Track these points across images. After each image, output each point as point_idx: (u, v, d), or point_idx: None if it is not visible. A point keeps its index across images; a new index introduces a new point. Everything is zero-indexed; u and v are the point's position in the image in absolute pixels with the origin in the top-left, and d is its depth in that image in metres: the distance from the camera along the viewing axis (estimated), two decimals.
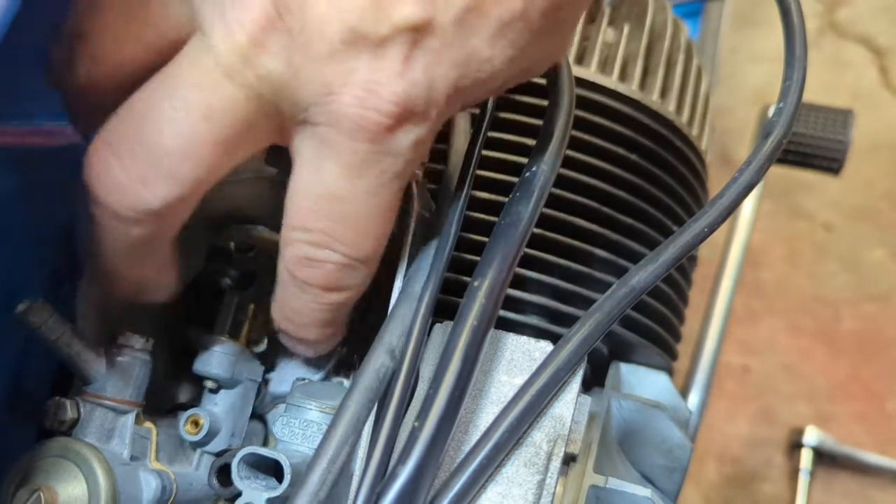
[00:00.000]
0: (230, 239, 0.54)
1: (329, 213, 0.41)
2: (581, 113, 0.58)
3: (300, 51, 0.38)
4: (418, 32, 0.38)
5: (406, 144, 0.40)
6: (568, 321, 0.55)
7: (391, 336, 0.44)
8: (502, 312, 0.53)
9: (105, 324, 0.48)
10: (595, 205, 0.58)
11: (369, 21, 0.37)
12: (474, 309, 0.44)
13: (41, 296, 0.42)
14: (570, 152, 0.57)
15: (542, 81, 0.54)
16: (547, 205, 0.49)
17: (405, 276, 0.47)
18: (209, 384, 0.51)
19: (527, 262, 0.56)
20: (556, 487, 0.45)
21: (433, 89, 0.39)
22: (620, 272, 0.51)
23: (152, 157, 0.39)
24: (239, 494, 0.45)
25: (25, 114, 0.44)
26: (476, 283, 0.44)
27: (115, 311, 0.49)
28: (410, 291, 0.46)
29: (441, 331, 0.49)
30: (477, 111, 0.55)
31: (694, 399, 1.07)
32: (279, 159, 0.45)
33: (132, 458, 0.45)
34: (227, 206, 0.50)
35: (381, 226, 0.43)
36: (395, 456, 0.42)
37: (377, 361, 0.42)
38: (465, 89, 0.40)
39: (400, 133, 0.39)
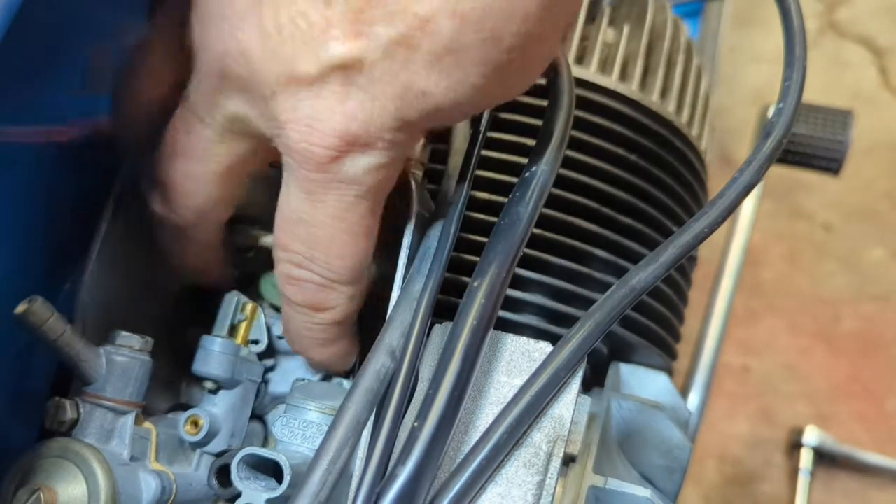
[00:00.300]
0: (230, 239, 0.54)
1: (300, 235, 0.44)
2: (581, 113, 0.58)
3: (251, 92, 0.41)
4: (348, 70, 0.39)
5: (358, 172, 0.42)
6: (568, 322, 0.55)
7: (391, 337, 0.44)
8: (502, 313, 0.53)
9: (105, 324, 0.48)
10: (595, 205, 0.58)
11: (301, 63, 0.39)
12: (474, 309, 0.44)
13: (41, 295, 0.42)
14: (570, 152, 0.57)
15: (542, 81, 0.54)
16: (547, 205, 0.49)
17: (405, 277, 0.47)
18: (209, 385, 0.51)
19: (527, 262, 0.56)
20: (555, 488, 0.45)
21: (372, 122, 0.40)
22: (620, 272, 0.51)
23: (166, 190, 0.47)
24: (238, 495, 0.45)
25: (26, 113, 0.44)
26: (476, 284, 0.44)
27: (115, 312, 0.49)
28: (410, 292, 0.46)
29: (441, 331, 0.49)
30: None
31: (694, 399, 1.07)
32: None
33: (132, 458, 0.45)
34: None
35: (352, 248, 0.45)
36: (394, 456, 0.42)
37: (377, 362, 0.42)
38: (412, 120, 0.41)
39: (347, 162, 0.41)
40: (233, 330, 0.52)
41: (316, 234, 0.44)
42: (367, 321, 0.53)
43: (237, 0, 0.41)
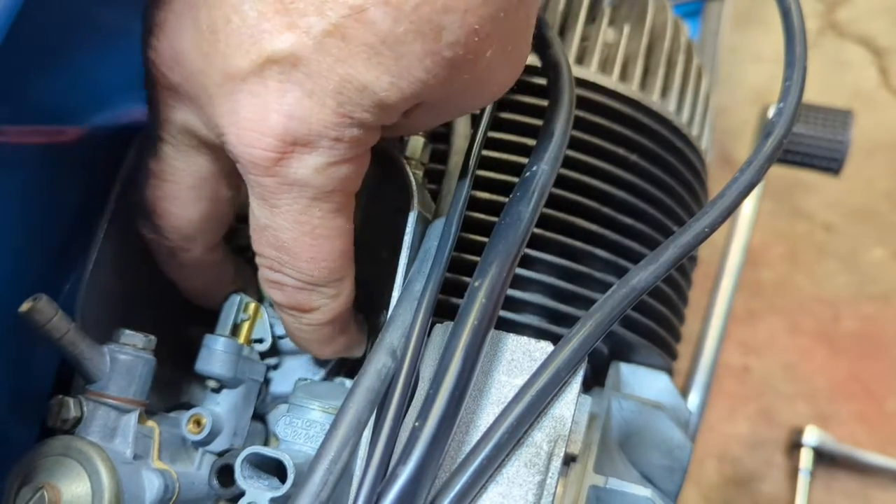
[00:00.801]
0: (231, 239, 0.54)
1: (268, 240, 0.44)
2: (581, 113, 0.59)
3: (193, 100, 0.42)
4: (282, 64, 0.38)
5: (306, 173, 0.40)
6: (568, 321, 0.55)
7: (392, 336, 0.44)
8: (503, 312, 0.53)
9: (106, 323, 0.48)
10: (595, 205, 0.58)
11: (234, 60, 0.38)
12: (474, 309, 0.44)
13: (45, 293, 0.42)
14: (571, 152, 0.57)
15: (542, 81, 0.54)
16: (547, 205, 0.49)
17: (405, 277, 0.47)
18: (211, 384, 0.51)
19: (527, 262, 0.56)
20: (556, 488, 0.45)
21: (311, 119, 0.39)
22: (620, 272, 0.51)
23: (148, 214, 0.47)
24: (240, 495, 0.45)
25: (26, 113, 0.44)
26: (476, 283, 0.44)
27: (116, 311, 0.49)
28: (411, 292, 0.46)
29: (441, 331, 0.49)
30: (477, 111, 0.55)
31: (694, 399, 1.07)
32: None
33: (135, 457, 0.45)
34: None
35: (319, 250, 0.44)
36: (395, 456, 0.42)
37: (378, 362, 0.42)
38: (356, 116, 0.39)
39: (292, 163, 0.40)
40: (235, 329, 0.52)
41: (280, 238, 0.43)
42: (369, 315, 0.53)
43: (173, 7, 0.41)
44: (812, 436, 1.52)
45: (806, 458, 1.51)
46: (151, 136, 0.45)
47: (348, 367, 0.56)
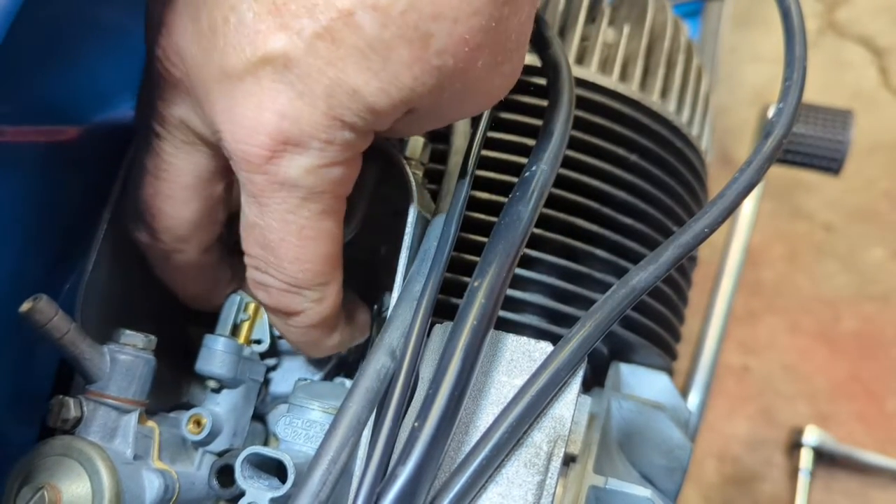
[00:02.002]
0: (231, 238, 0.54)
1: (257, 239, 0.44)
2: (581, 113, 0.59)
3: (190, 95, 0.42)
4: (276, 64, 0.38)
5: (298, 173, 0.41)
6: (568, 321, 0.55)
7: (391, 336, 0.44)
8: (502, 312, 0.53)
9: (105, 323, 0.48)
10: (595, 205, 0.58)
11: (231, 59, 0.39)
12: (474, 309, 0.44)
13: (45, 294, 0.42)
14: (570, 152, 0.57)
15: (542, 81, 0.54)
16: (547, 205, 0.49)
17: (405, 277, 0.47)
18: (211, 384, 0.51)
19: (527, 262, 0.56)
20: (556, 488, 0.45)
21: (302, 119, 0.39)
22: (620, 272, 0.51)
23: (142, 215, 0.47)
24: (239, 495, 0.45)
25: (26, 113, 0.44)
26: (476, 283, 0.44)
27: (116, 311, 0.50)
28: (410, 292, 0.46)
29: (441, 331, 0.49)
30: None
31: (694, 399, 1.07)
32: None
33: (135, 457, 0.45)
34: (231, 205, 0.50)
35: (304, 251, 0.44)
36: (395, 456, 0.42)
37: (378, 362, 0.42)
38: (347, 119, 0.40)
39: (283, 162, 0.40)
40: (235, 329, 0.52)
41: (268, 238, 0.43)
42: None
43: (175, 6, 0.41)
44: (812, 436, 1.52)
45: (806, 458, 1.51)
46: (147, 135, 0.45)
47: (348, 367, 0.57)
